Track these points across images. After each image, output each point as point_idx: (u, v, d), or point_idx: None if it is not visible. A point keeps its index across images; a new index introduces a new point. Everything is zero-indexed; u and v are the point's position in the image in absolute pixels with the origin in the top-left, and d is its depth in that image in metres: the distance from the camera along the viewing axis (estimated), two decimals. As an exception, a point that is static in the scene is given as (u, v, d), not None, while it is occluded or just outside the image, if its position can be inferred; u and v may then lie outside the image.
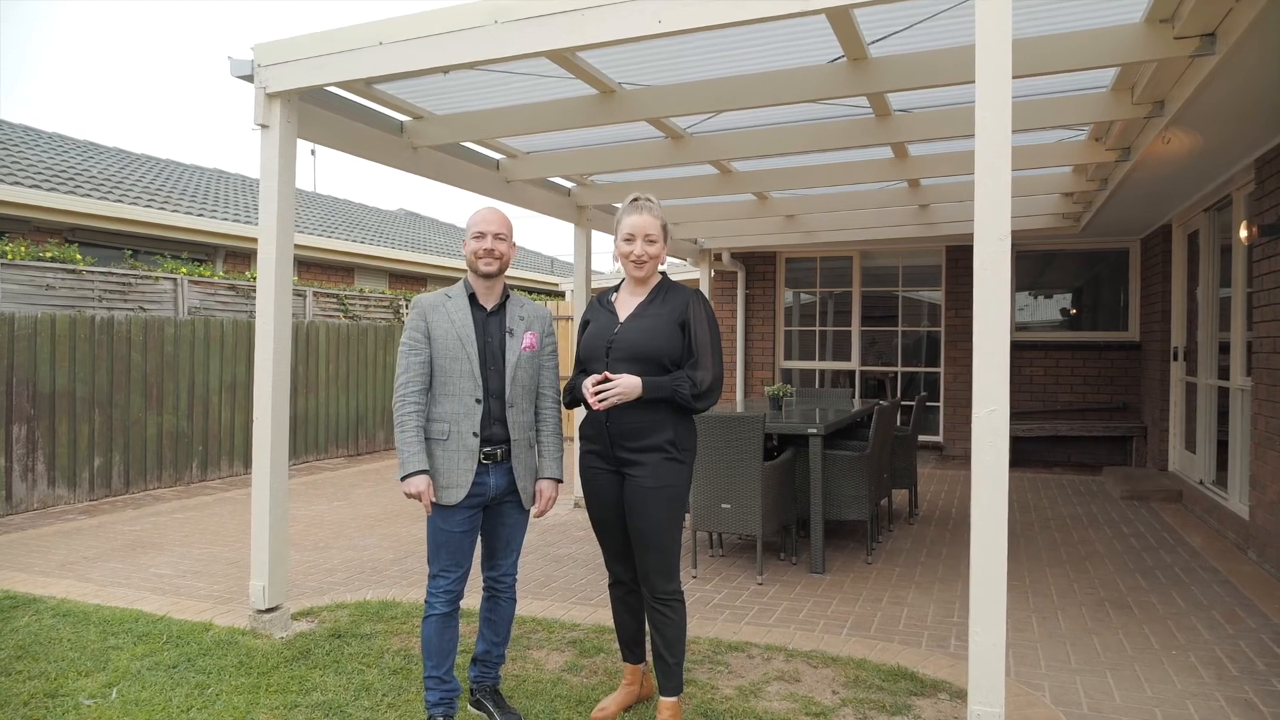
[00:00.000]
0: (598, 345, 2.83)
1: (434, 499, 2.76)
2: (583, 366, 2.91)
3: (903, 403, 8.81)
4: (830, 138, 5.03)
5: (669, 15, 3.03)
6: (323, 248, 13.23)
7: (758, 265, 10.58)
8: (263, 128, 3.82)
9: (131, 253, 9.67)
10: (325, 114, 4.35)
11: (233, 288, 9.23)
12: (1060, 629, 3.96)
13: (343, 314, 10.76)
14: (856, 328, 10.26)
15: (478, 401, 2.80)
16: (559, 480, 3.01)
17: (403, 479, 2.75)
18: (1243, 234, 5.57)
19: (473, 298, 2.90)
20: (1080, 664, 3.53)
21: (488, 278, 2.87)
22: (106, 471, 7.30)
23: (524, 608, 4.13)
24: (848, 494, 5.07)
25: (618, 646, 3.12)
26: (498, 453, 2.83)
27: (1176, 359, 7.68)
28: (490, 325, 2.88)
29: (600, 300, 2.98)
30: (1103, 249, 9.33)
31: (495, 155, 5.84)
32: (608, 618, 3.47)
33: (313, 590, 4.60)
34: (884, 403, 5.56)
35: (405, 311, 9.14)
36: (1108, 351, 9.26)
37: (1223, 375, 6.34)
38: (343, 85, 4.06)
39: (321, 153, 29.71)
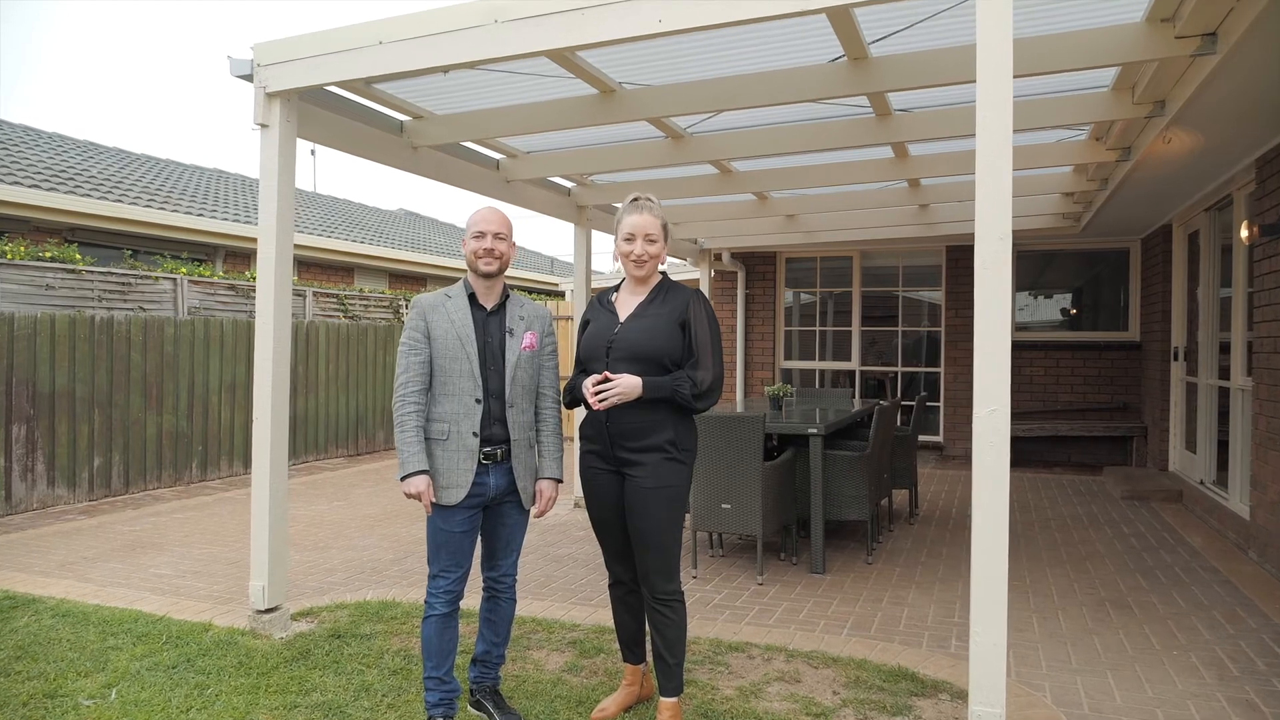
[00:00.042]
0: (598, 345, 2.82)
1: (434, 499, 2.76)
2: (583, 366, 2.91)
3: (903, 403, 8.81)
4: (830, 137, 5.03)
5: (669, 15, 3.02)
6: (322, 248, 13.24)
7: (758, 265, 10.58)
8: (262, 127, 3.82)
9: (131, 253, 9.66)
10: (325, 114, 4.35)
11: (232, 288, 9.23)
12: (1061, 629, 3.96)
13: (342, 314, 10.76)
14: (856, 328, 10.25)
15: (477, 401, 2.79)
16: (559, 480, 3.01)
17: (403, 479, 2.75)
18: (1243, 234, 5.57)
19: (472, 297, 2.89)
20: (1081, 664, 3.53)
21: (488, 277, 2.87)
22: (106, 471, 7.30)
23: (524, 608, 4.12)
24: (848, 494, 5.06)
25: (618, 647, 3.12)
26: (498, 453, 2.83)
27: (1177, 359, 7.67)
28: (490, 325, 2.87)
29: (600, 300, 2.97)
30: (1103, 249, 9.32)
31: (495, 155, 5.84)
32: (608, 618, 3.47)
33: (312, 590, 4.60)
34: (884, 403, 5.56)
35: (405, 311, 9.15)
36: (1108, 351, 9.25)
37: (1223, 375, 6.34)
38: (342, 85, 4.06)
39: (321, 152, 29.73)
